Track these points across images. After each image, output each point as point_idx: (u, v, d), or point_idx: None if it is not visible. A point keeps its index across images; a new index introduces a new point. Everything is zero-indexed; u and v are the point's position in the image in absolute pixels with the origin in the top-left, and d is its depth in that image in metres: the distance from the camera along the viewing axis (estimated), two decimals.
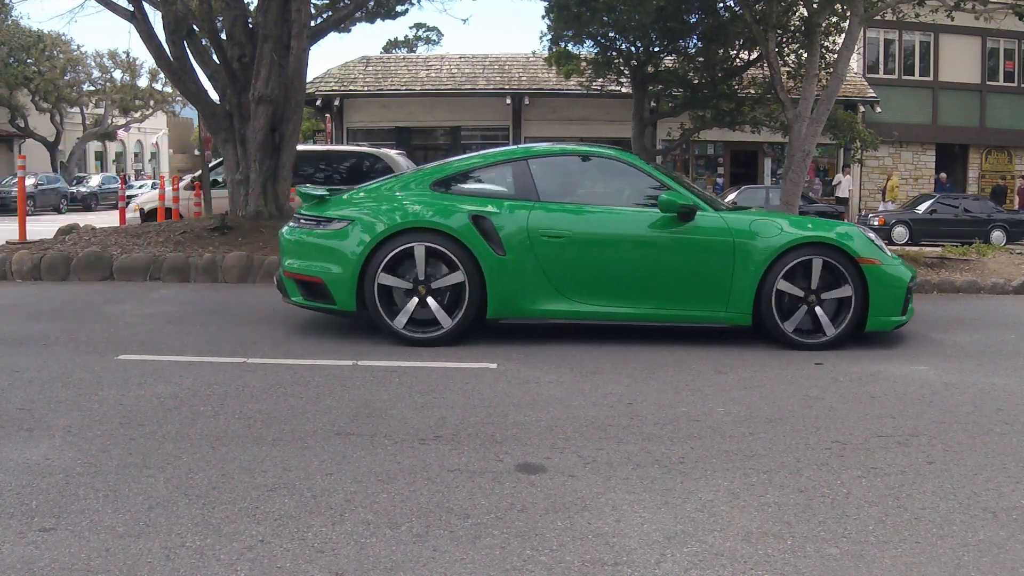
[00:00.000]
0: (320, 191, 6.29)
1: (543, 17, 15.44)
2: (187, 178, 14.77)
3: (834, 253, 5.81)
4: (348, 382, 4.80)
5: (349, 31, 19.16)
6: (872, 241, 6.02)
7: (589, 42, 15.59)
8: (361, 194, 6.16)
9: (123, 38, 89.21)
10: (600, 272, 5.85)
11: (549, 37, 15.63)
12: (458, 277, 5.70)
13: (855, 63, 22.69)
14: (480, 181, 6.16)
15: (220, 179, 13.03)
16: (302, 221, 6.11)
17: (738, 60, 15.52)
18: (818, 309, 5.87)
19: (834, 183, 22.97)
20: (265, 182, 10.79)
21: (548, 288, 5.78)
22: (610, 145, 7.67)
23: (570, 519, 2.96)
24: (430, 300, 5.75)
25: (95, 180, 34.53)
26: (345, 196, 6.15)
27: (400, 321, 5.75)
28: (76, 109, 38.60)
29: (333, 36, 27.44)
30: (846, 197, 22.42)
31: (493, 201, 5.89)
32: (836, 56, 11.87)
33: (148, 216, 13.35)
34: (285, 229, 6.33)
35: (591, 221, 5.94)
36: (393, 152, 13.53)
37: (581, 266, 5.82)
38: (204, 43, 11.36)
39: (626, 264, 5.88)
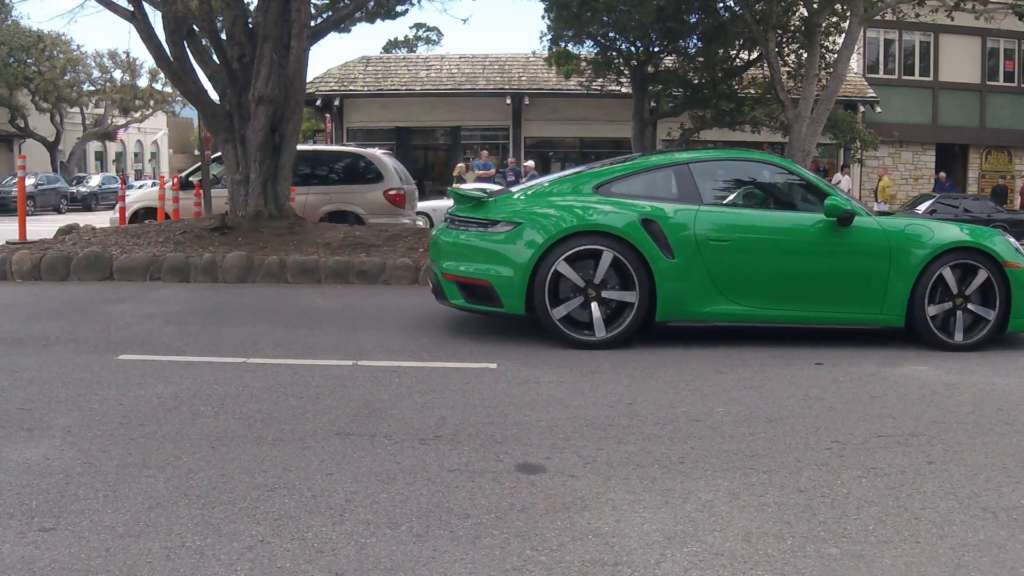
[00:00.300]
0: (477, 193, 6.31)
1: (543, 17, 15.47)
2: (171, 179, 14.74)
3: (982, 257, 5.97)
4: (348, 382, 4.80)
5: (349, 31, 19.16)
6: (1012, 245, 6.19)
7: (589, 42, 15.61)
8: (523, 196, 6.15)
9: (123, 38, 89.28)
10: (762, 275, 5.93)
11: (549, 37, 15.65)
12: (629, 279, 5.70)
13: (855, 63, 22.68)
14: (643, 185, 6.16)
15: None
16: (460, 224, 6.10)
17: (738, 60, 15.53)
18: (966, 311, 6.01)
19: (833, 183, 22.97)
20: (265, 182, 10.78)
21: (712, 291, 5.83)
22: (755, 150, 7.86)
23: (570, 519, 2.95)
24: (598, 303, 5.75)
25: (95, 180, 34.54)
26: (505, 199, 6.16)
27: (575, 325, 5.77)
28: (76, 109, 38.60)
29: (333, 36, 27.44)
30: None
31: (659, 205, 5.90)
32: (836, 56, 11.88)
33: (136, 217, 13.24)
34: (438, 231, 6.31)
35: (753, 225, 6.02)
36: (379, 152, 13.57)
37: (744, 269, 5.89)
38: (204, 43, 11.35)
39: (787, 267, 5.96)
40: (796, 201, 6.31)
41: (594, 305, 5.72)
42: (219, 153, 11.50)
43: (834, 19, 12.95)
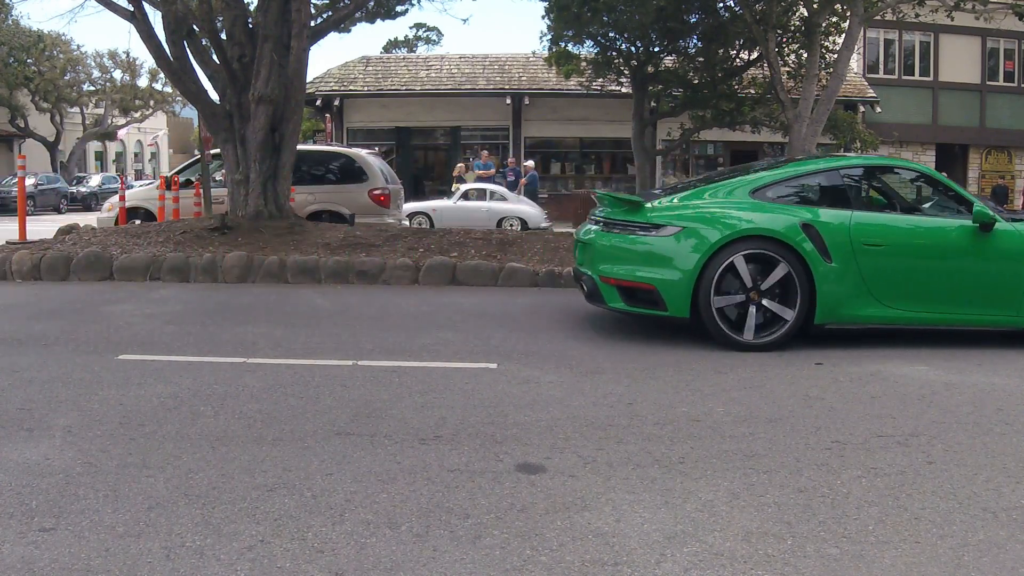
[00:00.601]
0: (634, 196, 6.40)
1: (543, 17, 15.46)
2: (157, 179, 14.77)
3: None
4: (348, 382, 4.80)
5: (349, 31, 19.16)
6: None
7: (589, 42, 15.60)
8: (681, 200, 6.22)
9: (123, 38, 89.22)
10: (912, 279, 6.02)
11: (549, 37, 15.64)
12: (791, 283, 5.80)
13: (855, 63, 22.68)
14: (797, 190, 6.29)
15: (193, 178, 13.07)
16: (619, 227, 6.15)
17: (738, 60, 15.53)
18: None
19: None
20: (265, 182, 10.78)
21: (865, 294, 5.93)
22: (886, 156, 8.03)
23: (570, 519, 2.96)
24: (759, 306, 5.83)
25: (95, 180, 34.52)
26: (663, 203, 6.21)
27: (736, 327, 5.83)
28: (76, 109, 38.58)
29: (333, 36, 27.43)
30: None
31: (815, 210, 6.02)
32: (836, 56, 11.88)
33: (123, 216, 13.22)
34: (593, 234, 6.36)
35: (904, 230, 6.13)
36: (364, 152, 13.58)
37: (896, 273, 5.98)
38: (204, 43, 11.35)
39: (935, 271, 6.06)
40: (939, 207, 6.48)
41: (753, 308, 5.82)
42: (198, 157, 11.49)
43: (834, 19, 12.95)
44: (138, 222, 12.39)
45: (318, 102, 23.26)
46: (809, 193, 6.28)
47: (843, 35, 11.55)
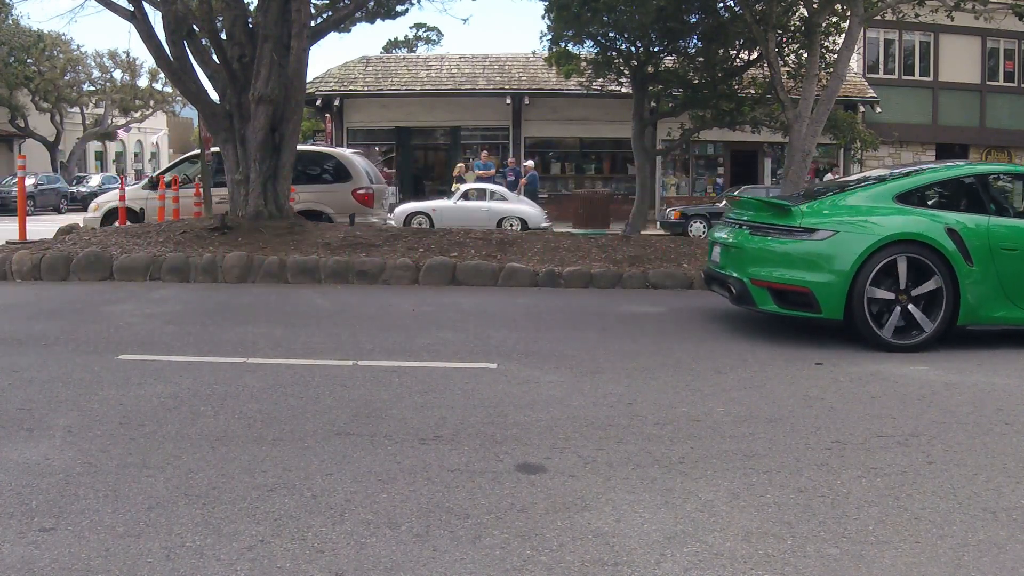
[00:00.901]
0: (781, 201, 6.60)
1: (543, 17, 15.43)
2: (144, 179, 14.79)
3: None
4: (348, 382, 4.79)
5: (349, 31, 19.15)
6: None
7: (589, 42, 15.57)
8: (829, 205, 6.39)
9: (123, 38, 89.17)
10: None
11: (549, 37, 15.61)
12: (936, 286, 5.96)
13: (855, 63, 22.68)
14: (938, 195, 6.51)
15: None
16: (768, 231, 6.32)
17: (738, 60, 15.51)
18: None
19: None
20: (265, 182, 10.78)
21: (1001, 296, 6.11)
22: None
23: (570, 519, 2.95)
24: (910, 308, 5.96)
25: (95, 180, 34.48)
26: (812, 207, 6.35)
27: (887, 330, 5.95)
28: (76, 109, 38.55)
29: (333, 36, 27.43)
30: None
31: (956, 215, 6.20)
32: (836, 56, 11.88)
33: (109, 217, 13.22)
34: (742, 238, 6.51)
35: None
36: (348, 151, 13.57)
37: None
38: (204, 43, 11.35)
39: None
40: None
41: (911, 308, 5.97)
42: (181, 158, 11.51)
43: (834, 19, 12.94)
44: (117, 223, 12.41)
45: (318, 102, 23.25)
46: (948, 198, 6.51)
47: (843, 35, 11.55)
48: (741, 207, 7.02)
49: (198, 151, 12.32)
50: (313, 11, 12.00)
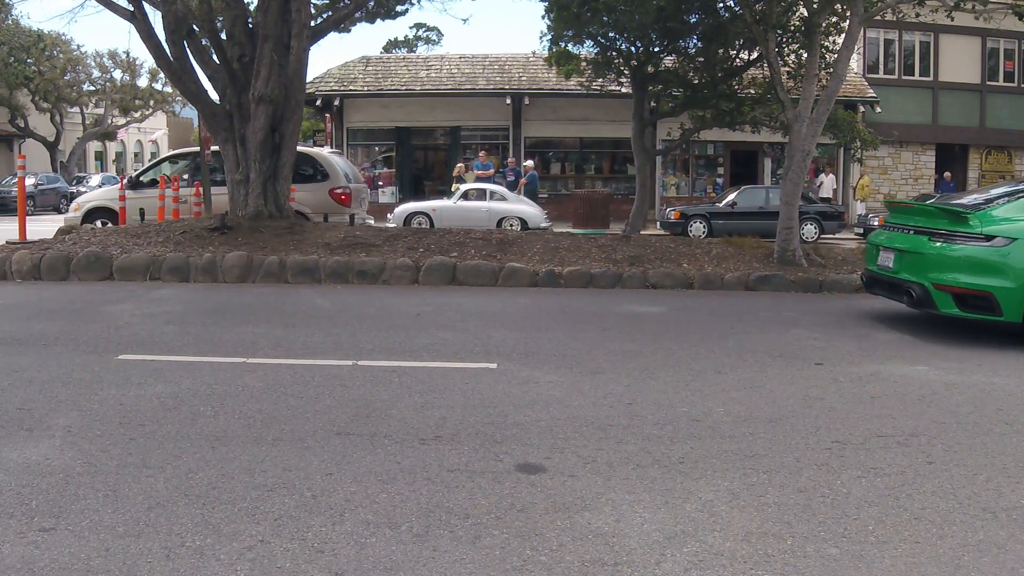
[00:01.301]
0: (956, 208, 6.77)
1: (543, 17, 15.42)
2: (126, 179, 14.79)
3: None
4: (348, 382, 4.79)
5: (349, 31, 19.16)
6: None
7: (589, 42, 15.57)
8: (1001, 213, 6.55)
9: (123, 38, 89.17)
10: None
11: (549, 37, 15.60)
12: None
13: (855, 63, 22.67)
14: None
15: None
16: (949, 238, 6.50)
17: (738, 60, 15.50)
18: None
19: (816, 183, 22.95)
20: (265, 182, 10.79)
21: None
22: None
23: (570, 519, 2.95)
24: None
25: (95, 180, 34.46)
26: (984, 215, 6.53)
27: None
28: (76, 109, 38.56)
29: (333, 36, 27.44)
30: (828, 197, 22.44)
31: None
32: (836, 56, 11.87)
33: (90, 215, 13.19)
34: (921, 244, 6.68)
35: None
36: (326, 151, 13.57)
37: None
38: (204, 43, 11.35)
39: None
40: None
41: None
42: (160, 159, 11.52)
43: (834, 19, 12.93)
44: (99, 223, 12.41)
45: (318, 102, 23.24)
46: None
47: (843, 35, 11.54)
48: (907, 213, 7.20)
49: (177, 152, 12.36)
50: (313, 11, 12.01)
